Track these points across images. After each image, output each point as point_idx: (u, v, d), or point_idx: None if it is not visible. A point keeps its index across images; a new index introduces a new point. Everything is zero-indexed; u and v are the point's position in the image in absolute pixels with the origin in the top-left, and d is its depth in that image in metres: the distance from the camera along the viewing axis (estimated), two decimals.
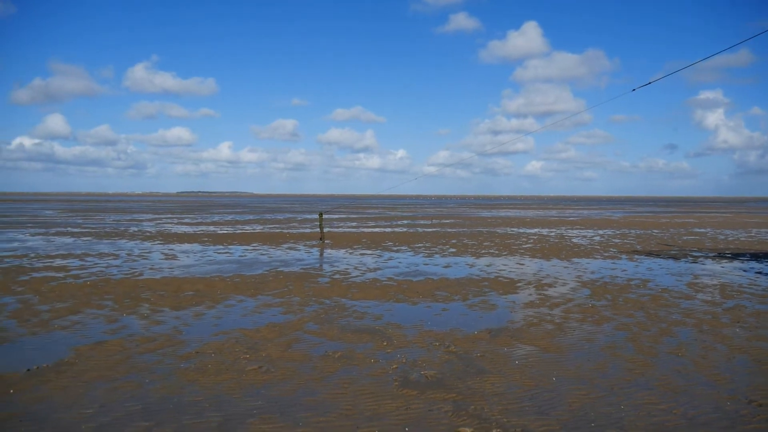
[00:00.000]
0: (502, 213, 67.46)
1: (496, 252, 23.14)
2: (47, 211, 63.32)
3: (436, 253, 22.69)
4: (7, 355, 8.42)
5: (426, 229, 36.67)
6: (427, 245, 25.76)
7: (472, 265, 19.04)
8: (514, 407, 6.49)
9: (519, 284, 15.18)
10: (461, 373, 7.69)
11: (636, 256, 21.67)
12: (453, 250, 23.91)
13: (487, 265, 19.03)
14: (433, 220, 48.69)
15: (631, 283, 15.37)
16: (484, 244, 26.71)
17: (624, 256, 21.67)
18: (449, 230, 35.98)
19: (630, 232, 34.91)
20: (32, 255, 20.88)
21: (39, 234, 31.21)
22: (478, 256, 21.79)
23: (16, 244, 25.13)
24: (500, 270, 17.90)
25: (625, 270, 17.92)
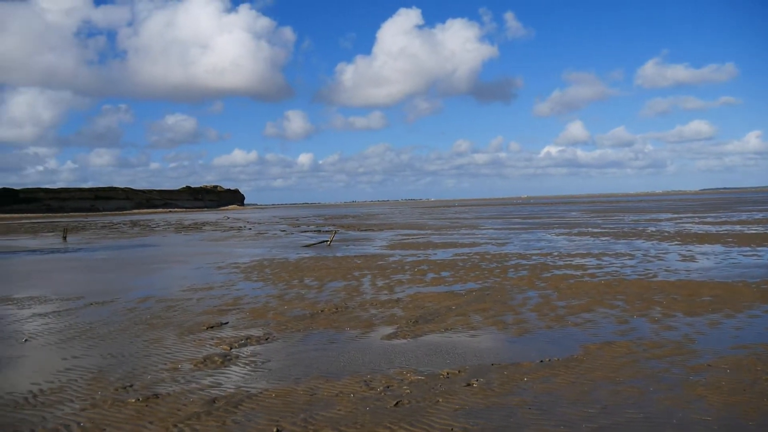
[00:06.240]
0: None
1: None
2: (572, 213, 67.97)
3: None
4: (526, 345, 9.25)
5: None
6: None
7: None
8: None
9: None
10: None
11: None
12: None
13: None
14: None
15: None
16: None
17: None
18: None
19: None
20: (555, 253, 22.60)
21: (563, 234, 33.65)
22: None
23: (543, 243, 27.64)
24: None
25: None
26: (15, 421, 6.54)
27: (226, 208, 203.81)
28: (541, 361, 8.27)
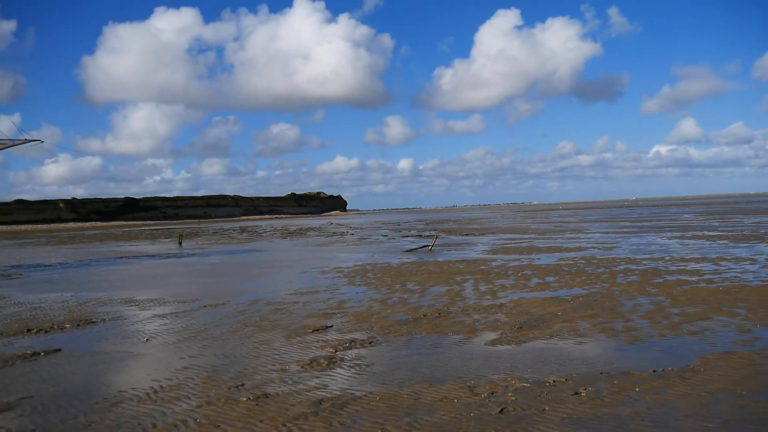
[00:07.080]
0: None
1: None
2: (684, 215, 64.50)
3: None
4: (637, 354, 8.86)
5: None
6: None
7: None
8: None
9: None
10: None
11: None
12: None
13: None
14: None
15: None
16: None
17: None
18: None
19: None
20: (667, 258, 21.52)
21: (675, 237, 32.00)
22: None
23: (653, 248, 26.39)
24: None
25: None
26: (138, 414, 6.98)
27: (329, 213, 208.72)
28: (654, 371, 7.90)
